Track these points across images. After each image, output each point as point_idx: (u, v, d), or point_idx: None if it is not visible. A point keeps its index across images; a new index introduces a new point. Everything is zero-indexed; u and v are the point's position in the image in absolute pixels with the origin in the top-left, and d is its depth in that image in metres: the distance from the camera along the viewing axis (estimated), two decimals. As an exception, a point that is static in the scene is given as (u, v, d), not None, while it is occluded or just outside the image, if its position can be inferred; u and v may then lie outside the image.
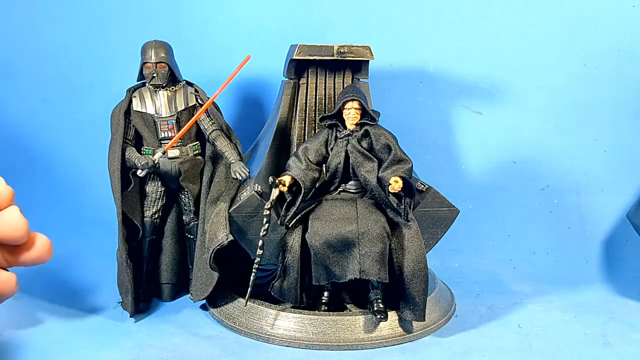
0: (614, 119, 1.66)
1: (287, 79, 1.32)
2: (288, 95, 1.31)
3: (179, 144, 1.26)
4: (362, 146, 1.18)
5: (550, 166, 1.68)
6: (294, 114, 1.31)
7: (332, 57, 1.24)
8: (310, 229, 1.13)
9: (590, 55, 1.64)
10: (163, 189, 1.29)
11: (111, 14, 1.67)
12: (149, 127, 1.26)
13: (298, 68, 1.30)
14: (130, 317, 1.20)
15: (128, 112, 1.26)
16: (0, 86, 1.71)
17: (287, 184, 1.13)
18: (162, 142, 1.26)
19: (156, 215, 1.29)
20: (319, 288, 1.18)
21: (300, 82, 1.31)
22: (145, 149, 1.26)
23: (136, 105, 1.26)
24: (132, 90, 1.28)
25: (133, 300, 1.19)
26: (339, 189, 1.21)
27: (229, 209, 1.18)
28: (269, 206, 1.11)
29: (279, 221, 1.16)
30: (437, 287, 1.28)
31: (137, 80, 1.30)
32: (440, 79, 1.68)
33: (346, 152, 1.18)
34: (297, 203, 1.15)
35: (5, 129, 1.71)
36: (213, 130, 1.27)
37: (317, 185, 1.21)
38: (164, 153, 1.23)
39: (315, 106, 1.31)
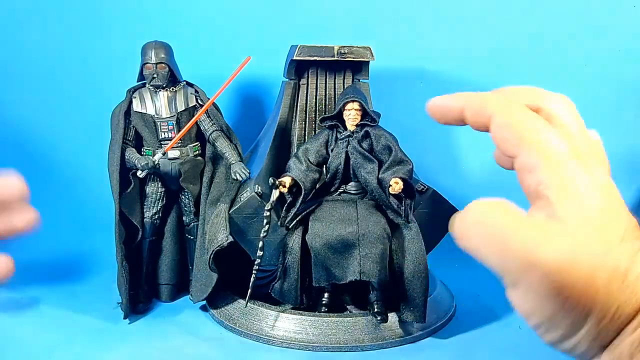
0: (614, 119, 1.65)
1: (287, 80, 1.31)
2: (288, 96, 1.30)
3: (179, 144, 1.26)
4: (362, 147, 1.18)
5: (550, 166, 1.68)
6: (294, 115, 1.31)
7: (332, 58, 1.24)
8: (311, 230, 1.13)
9: (590, 55, 1.64)
10: (163, 189, 1.28)
11: (111, 14, 1.66)
12: (149, 127, 1.26)
13: (298, 68, 1.30)
14: (124, 318, 1.20)
15: (128, 112, 1.26)
16: (0, 86, 1.70)
17: (287, 185, 1.13)
18: (162, 142, 1.26)
19: (156, 216, 1.28)
20: (319, 289, 1.18)
21: (301, 82, 1.30)
22: (146, 149, 1.26)
23: (136, 106, 1.26)
24: (132, 91, 1.28)
25: (127, 302, 1.19)
26: (340, 190, 1.21)
27: (229, 210, 1.18)
28: (269, 207, 1.11)
29: (279, 222, 1.16)
30: (437, 288, 1.28)
31: (137, 81, 1.29)
32: (440, 79, 1.68)
33: (346, 153, 1.18)
34: (298, 204, 1.14)
35: (5, 129, 1.71)
36: (213, 131, 1.27)
37: (318, 186, 1.21)
38: (164, 154, 1.22)
39: (316, 107, 1.30)
